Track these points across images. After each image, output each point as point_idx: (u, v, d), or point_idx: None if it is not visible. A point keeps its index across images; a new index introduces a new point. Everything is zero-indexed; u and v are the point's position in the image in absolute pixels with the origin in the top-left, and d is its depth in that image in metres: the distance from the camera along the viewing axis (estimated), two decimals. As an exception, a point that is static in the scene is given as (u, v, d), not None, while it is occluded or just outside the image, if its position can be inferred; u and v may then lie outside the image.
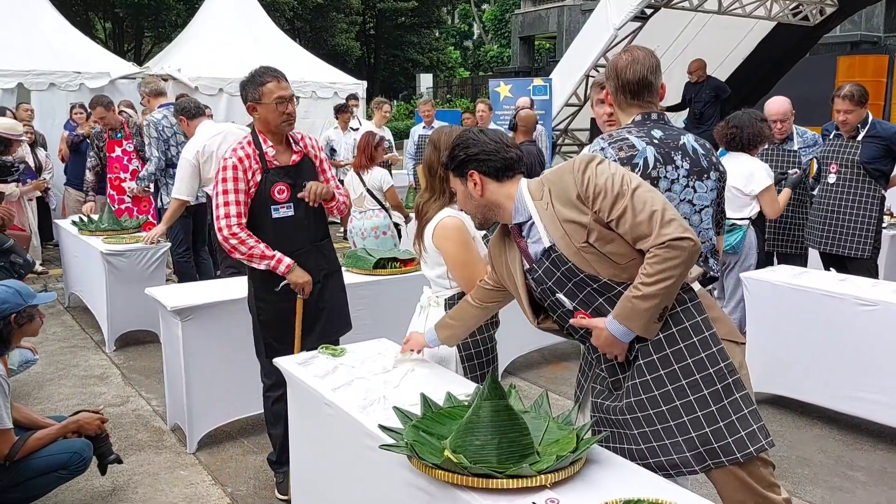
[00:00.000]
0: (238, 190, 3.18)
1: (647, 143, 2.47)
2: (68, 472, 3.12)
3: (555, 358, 5.46)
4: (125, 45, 26.01)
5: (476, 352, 2.82)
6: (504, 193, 2.24)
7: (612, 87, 2.63)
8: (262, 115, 3.21)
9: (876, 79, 13.32)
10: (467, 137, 2.27)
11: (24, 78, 9.34)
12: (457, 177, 2.30)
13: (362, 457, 2.26)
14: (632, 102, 2.59)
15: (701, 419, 2.10)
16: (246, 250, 3.18)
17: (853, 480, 3.64)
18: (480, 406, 1.93)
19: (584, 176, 2.08)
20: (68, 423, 3.18)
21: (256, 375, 3.84)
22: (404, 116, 26.02)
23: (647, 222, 2.00)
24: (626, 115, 2.62)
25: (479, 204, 2.27)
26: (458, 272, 2.73)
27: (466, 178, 2.25)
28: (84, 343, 5.80)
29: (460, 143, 2.27)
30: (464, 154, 2.24)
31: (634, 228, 2.02)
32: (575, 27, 22.41)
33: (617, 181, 2.05)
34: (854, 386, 3.93)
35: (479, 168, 2.23)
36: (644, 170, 2.43)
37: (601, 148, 2.46)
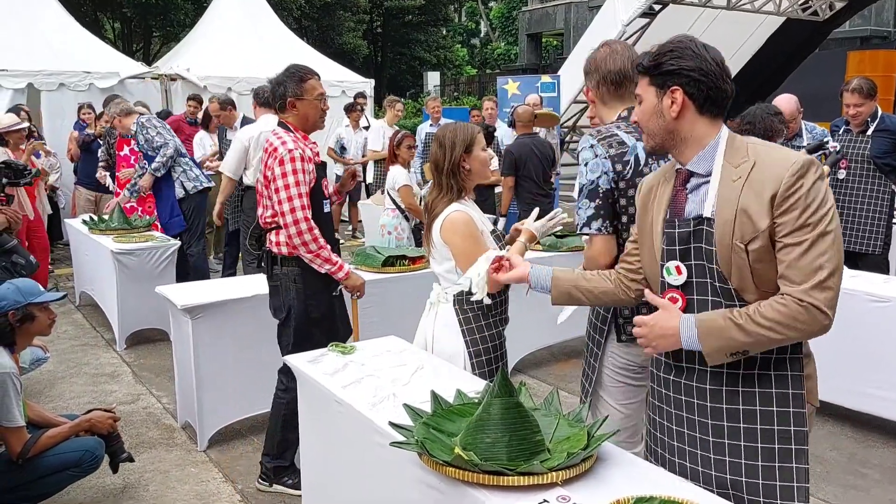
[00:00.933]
0: (307, 182, 3.20)
1: (637, 138, 2.37)
2: (80, 470, 3.14)
3: (564, 355, 5.45)
4: (134, 45, 26.08)
5: (485, 348, 2.81)
6: (699, 131, 1.88)
7: (593, 82, 2.54)
8: (303, 111, 3.25)
9: (886, 74, 13.21)
10: (685, 46, 1.87)
11: (33, 78, 9.38)
12: (653, 85, 1.91)
13: (372, 454, 2.26)
14: (614, 95, 2.51)
15: (757, 468, 1.90)
16: (316, 248, 3.20)
17: (866, 478, 3.62)
18: (491, 403, 1.93)
19: (797, 180, 1.74)
20: (80, 422, 3.20)
21: (266, 373, 3.85)
22: (412, 115, 25.98)
23: (809, 272, 1.73)
24: (609, 111, 2.55)
25: (665, 127, 1.90)
26: (467, 266, 2.72)
27: (666, 91, 1.88)
28: (95, 341, 5.83)
29: (675, 49, 1.87)
30: (675, 65, 1.86)
31: (792, 266, 1.74)
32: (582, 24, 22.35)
33: (819, 212, 1.73)
34: (866, 383, 3.91)
35: (686, 87, 1.86)
36: (636, 166, 2.35)
37: (590, 145, 2.37)
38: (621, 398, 2.53)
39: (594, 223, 2.37)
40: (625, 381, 2.52)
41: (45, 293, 3.25)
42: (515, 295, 2.94)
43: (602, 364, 2.51)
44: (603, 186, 2.34)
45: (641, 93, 1.96)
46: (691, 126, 1.89)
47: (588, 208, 2.36)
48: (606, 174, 2.33)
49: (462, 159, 2.76)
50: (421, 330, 2.95)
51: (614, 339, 2.48)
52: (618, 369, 2.50)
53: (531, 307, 4.37)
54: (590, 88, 2.57)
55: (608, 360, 2.51)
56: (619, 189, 2.35)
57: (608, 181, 2.33)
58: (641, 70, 1.95)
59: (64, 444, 3.11)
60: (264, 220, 3.33)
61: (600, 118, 2.59)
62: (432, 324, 2.86)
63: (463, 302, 2.78)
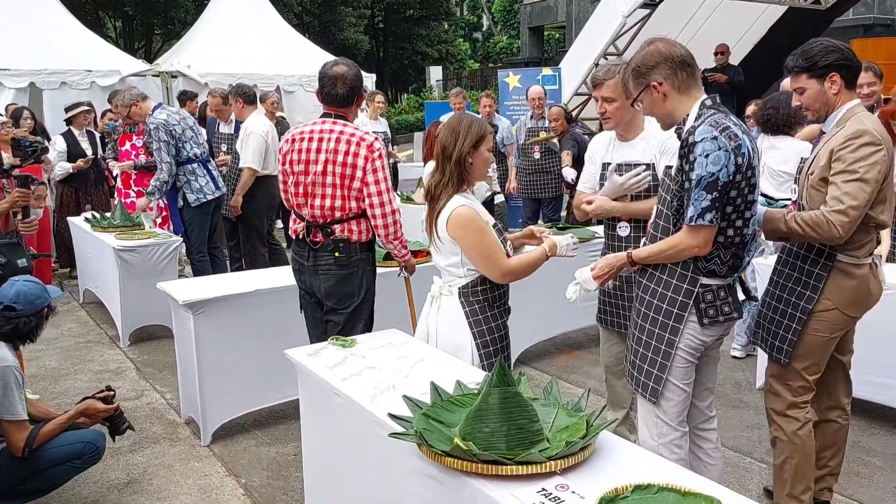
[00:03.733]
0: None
1: (742, 131, 2.41)
2: (82, 461, 3.15)
3: (566, 347, 5.45)
4: (135, 43, 26.11)
5: (491, 339, 2.82)
6: (846, 102, 2.69)
7: (665, 73, 2.47)
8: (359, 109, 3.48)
9: (889, 62, 13.11)
10: (839, 46, 2.67)
11: (35, 77, 9.40)
12: (812, 77, 2.68)
13: (372, 445, 2.27)
14: (690, 83, 2.48)
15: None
16: (402, 235, 3.50)
17: (870, 466, 3.61)
18: (489, 393, 1.93)
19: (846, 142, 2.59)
20: (74, 413, 3.20)
21: (269, 367, 3.88)
22: (414, 109, 25.95)
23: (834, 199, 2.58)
24: (688, 99, 2.49)
25: (828, 102, 2.69)
26: (481, 259, 2.74)
27: (825, 79, 2.66)
28: (99, 338, 5.85)
29: (830, 47, 2.66)
30: (833, 58, 2.64)
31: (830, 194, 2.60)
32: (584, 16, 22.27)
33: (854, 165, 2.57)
34: (870, 371, 3.89)
35: (843, 74, 2.65)
36: (749, 159, 2.38)
37: (713, 136, 2.33)
38: (687, 378, 2.58)
39: (708, 214, 2.36)
40: (693, 360, 2.57)
41: (49, 288, 3.31)
42: (515, 287, 2.94)
43: (678, 348, 2.52)
44: (722, 179, 2.33)
45: (804, 84, 2.71)
46: (844, 99, 2.70)
47: (704, 199, 2.35)
48: (727, 167, 2.33)
49: (469, 152, 2.76)
50: (423, 324, 2.95)
51: (694, 323, 2.49)
52: (691, 350, 2.54)
53: (533, 299, 4.38)
54: (660, 83, 2.48)
55: (684, 343, 2.52)
56: (735, 182, 2.36)
57: (728, 174, 2.34)
58: (804, 67, 2.70)
59: (65, 437, 3.12)
60: (332, 210, 3.36)
61: (672, 110, 2.52)
62: (435, 317, 2.86)
63: (468, 294, 2.78)
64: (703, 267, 2.47)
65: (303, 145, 3.37)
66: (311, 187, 3.35)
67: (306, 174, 3.35)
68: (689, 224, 2.39)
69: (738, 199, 2.40)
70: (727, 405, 4.25)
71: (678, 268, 2.51)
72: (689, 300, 2.49)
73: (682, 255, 2.46)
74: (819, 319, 2.73)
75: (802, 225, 2.63)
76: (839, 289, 2.71)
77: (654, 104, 2.53)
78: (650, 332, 2.57)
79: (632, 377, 2.66)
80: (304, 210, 3.41)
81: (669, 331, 2.52)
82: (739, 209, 2.42)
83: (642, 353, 2.60)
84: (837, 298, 2.72)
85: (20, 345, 3.19)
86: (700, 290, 2.48)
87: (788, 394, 2.81)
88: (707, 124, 2.37)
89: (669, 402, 2.56)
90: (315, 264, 3.42)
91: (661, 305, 2.54)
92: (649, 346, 2.57)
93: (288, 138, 3.45)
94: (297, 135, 3.42)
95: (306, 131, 3.40)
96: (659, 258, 2.53)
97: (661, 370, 2.55)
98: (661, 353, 2.55)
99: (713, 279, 2.48)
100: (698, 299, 2.48)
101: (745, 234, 2.47)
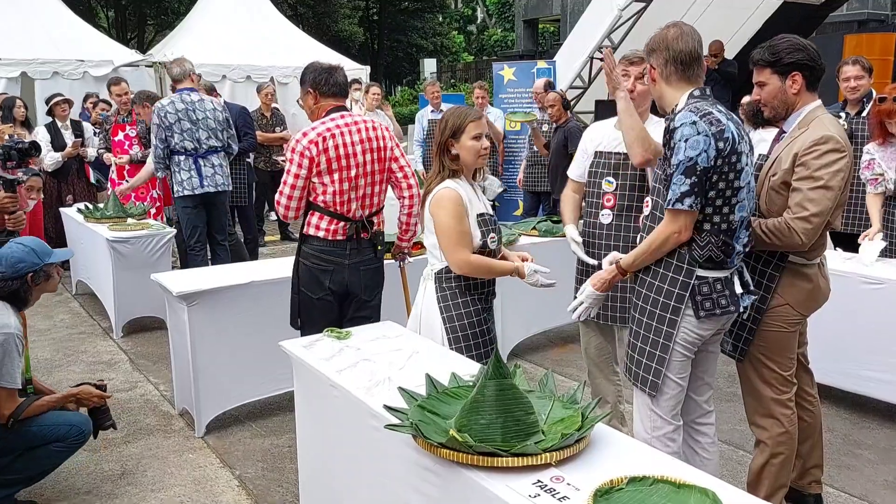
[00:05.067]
0: None
1: (728, 118, 2.42)
2: (65, 445, 3.11)
3: (560, 340, 5.46)
4: (128, 34, 25.94)
5: (461, 325, 2.83)
6: (807, 103, 2.68)
7: (660, 60, 2.51)
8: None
9: (883, 57, 13.16)
10: (806, 45, 2.63)
11: (27, 67, 9.34)
12: (775, 73, 2.64)
13: (368, 437, 2.27)
14: (682, 76, 2.50)
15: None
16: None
17: (861, 458, 3.64)
18: (485, 385, 1.93)
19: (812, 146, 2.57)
20: (69, 393, 3.20)
21: (263, 359, 3.88)
22: (408, 102, 25.91)
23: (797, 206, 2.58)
24: (675, 90, 2.53)
25: (787, 101, 2.68)
26: (444, 240, 2.78)
27: (787, 76, 2.63)
28: (92, 330, 5.83)
29: (797, 45, 2.61)
30: (798, 57, 2.61)
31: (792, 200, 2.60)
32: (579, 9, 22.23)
33: (818, 172, 2.55)
34: (861, 365, 3.93)
35: (805, 74, 2.63)
36: (733, 144, 2.38)
37: (692, 121, 2.35)
38: (682, 371, 2.57)
39: (687, 199, 2.37)
40: (689, 354, 2.56)
41: (57, 252, 3.27)
42: (509, 280, 2.94)
43: (675, 342, 2.51)
44: (701, 164, 2.33)
45: (765, 79, 2.67)
46: (805, 99, 2.68)
47: (682, 184, 2.36)
48: (706, 152, 2.33)
49: (449, 143, 2.80)
50: (415, 306, 3.00)
51: (690, 316, 2.48)
52: (687, 344, 2.53)
53: (527, 292, 4.37)
54: (654, 67, 2.54)
55: (681, 336, 2.51)
56: (716, 167, 2.36)
57: (707, 159, 2.33)
58: (766, 64, 2.65)
59: (51, 417, 3.08)
60: (375, 202, 3.44)
61: (660, 97, 2.58)
62: (421, 299, 2.93)
63: (442, 279, 2.84)
64: (700, 255, 2.45)
65: (336, 141, 3.25)
66: (356, 181, 3.32)
67: (349, 168, 3.29)
68: (669, 208, 2.40)
69: (720, 183, 2.38)
70: (721, 398, 4.27)
71: (674, 260, 2.49)
72: (685, 292, 2.48)
73: (666, 244, 2.46)
74: (774, 316, 2.75)
75: (767, 232, 2.64)
76: (792, 288, 2.75)
77: (646, 92, 2.69)
78: (647, 325, 2.56)
79: (629, 371, 2.66)
80: (353, 206, 3.34)
81: (667, 324, 2.52)
82: (724, 195, 2.41)
83: (640, 347, 2.59)
84: (789, 297, 2.75)
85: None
86: (696, 283, 2.47)
87: (772, 392, 2.79)
88: (687, 110, 2.41)
89: (664, 395, 2.57)
90: (359, 261, 3.40)
91: (657, 298, 2.54)
92: (647, 339, 2.57)
93: (313, 140, 3.23)
94: (323, 135, 3.24)
95: (332, 129, 3.26)
96: (645, 257, 2.53)
97: (659, 363, 2.54)
98: (658, 346, 2.54)
99: (709, 271, 2.47)
100: (694, 292, 2.47)
101: (731, 220, 2.45)
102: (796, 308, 2.76)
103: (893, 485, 3.40)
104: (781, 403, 2.80)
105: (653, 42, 2.55)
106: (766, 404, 2.82)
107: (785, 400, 2.81)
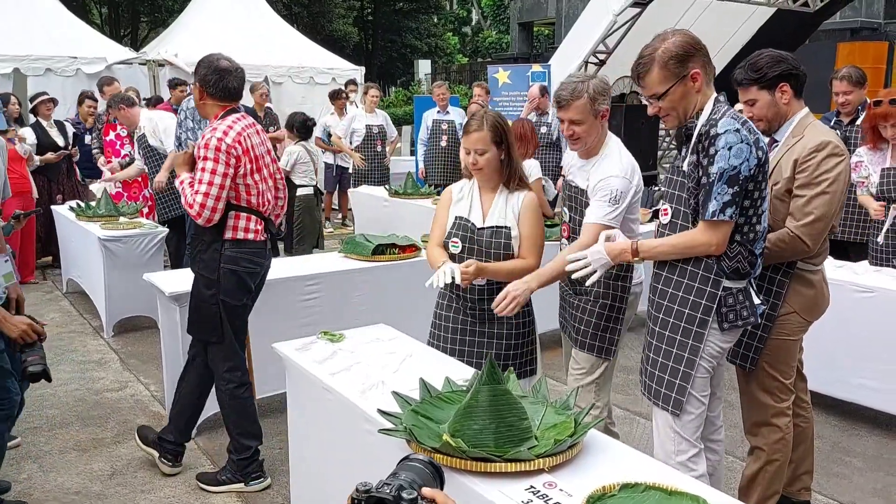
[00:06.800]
0: None
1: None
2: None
3: (553, 344, 5.46)
4: (121, 31, 25.85)
5: (436, 323, 2.97)
6: (797, 111, 2.74)
7: (699, 63, 2.36)
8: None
9: (876, 65, 13.27)
10: (785, 56, 2.71)
11: (20, 63, 9.29)
12: (763, 88, 2.70)
13: (361, 441, 2.27)
14: (711, 78, 2.41)
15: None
16: None
17: (850, 466, 3.66)
18: (479, 391, 1.94)
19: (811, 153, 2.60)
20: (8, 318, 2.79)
21: (255, 360, 3.86)
22: (402, 103, 25.88)
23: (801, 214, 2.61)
24: (704, 94, 2.39)
25: (780, 112, 2.72)
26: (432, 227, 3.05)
27: (774, 89, 2.68)
28: (82, 328, 5.80)
29: (777, 58, 2.68)
30: (782, 68, 2.67)
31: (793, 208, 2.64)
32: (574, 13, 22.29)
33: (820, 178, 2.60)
34: (850, 372, 3.95)
35: (792, 83, 2.69)
36: (766, 153, 2.35)
37: (735, 129, 2.26)
38: (704, 389, 2.45)
39: (728, 210, 2.27)
40: (712, 370, 2.45)
41: None
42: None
43: (701, 357, 2.39)
44: (744, 173, 2.26)
45: (755, 96, 2.72)
46: (794, 108, 2.74)
47: (725, 194, 2.26)
48: (748, 160, 2.25)
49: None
50: None
51: (715, 329, 2.38)
52: (711, 358, 2.42)
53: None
54: (699, 70, 2.36)
55: (706, 351, 2.39)
56: (754, 176, 2.29)
57: (749, 168, 2.26)
58: (754, 81, 2.70)
59: None
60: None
61: (690, 101, 2.38)
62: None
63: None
64: (728, 267, 2.36)
65: (251, 141, 3.27)
66: (269, 181, 3.40)
67: (262, 169, 3.33)
68: (710, 219, 2.28)
69: (755, 192, 2.33)
70: (711, 404, 4.28)
71: (700, 269, 2.38)
72: (712, 304, 2.36)
73: (695, 252, 2.35)
74: (782, 324, 2.76)
75: (770, 245, 2.61)
76: (798, 296, 2.76)
77: (686, 96, 2.37)
78: (670, 339, 2.43)
79: (648, 388, 2.52)
80: (269, 206, 3.40)
81: (693, 337, 2.39)
82: (756, 203, 2.36)
83: (661, 363, 2.45)
84: (796, 304, 2.77)
85: None
86: (722, 294, 2.36)
87: (771, 400, 2.80)
88: (729, 116, 2.29)
89: (689, 415, 2.44)
90: (270, 260, 3.48)
91: (682, 311, 2.40)
92: (669, 354, 2.43)
93: (237, 140, 3.16)
94: (242, 135, 3.20)
95: (246, 128, 3.25)
96: (669, 253, 2.41)
97: (684, 379, 2.41)
98: (683, 361, 2.40)
99: (734, 282, 2.38)
100: (720, 303, 2.36)
101: (757, 230, 2.39)
102: (803, 315, 2.78)
103: (882, 492, 3.42)
104: (780, 412, 2.80)
105: (685, 48, 2.34)
106: (765, 412, 2.81)
107: (784, 408, 2.81)
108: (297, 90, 11.55)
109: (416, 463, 1.23)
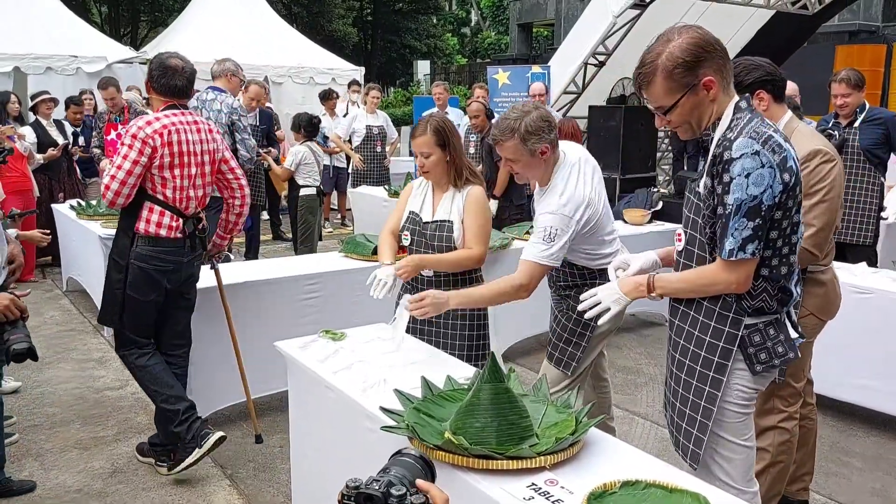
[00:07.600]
0: None
1: (783, 137, 1.99)
2: None
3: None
4: (121, 30, 25.84)
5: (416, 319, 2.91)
6: (780, 116, 2.71)
7: (716, 66, 2.00)
8: None
9: (874, 68, 13.33)
10: (760, 62, 2.69)
11: (20, 62, 9.30)
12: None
13: (363, 439, 2.28)
14: (730, 82, 2.06)
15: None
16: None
17: (848, 466, 3.68)
18: (481, 389, 1.95)
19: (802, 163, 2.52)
20: None
21: (256, 359, 3.87)
22: (401, 103, 25.91)
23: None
24: (728, 98, 2.05)
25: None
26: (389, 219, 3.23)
27: (753, 96, 2.58)
28: (82, 327, 5.81)
29: (751, 65, 2.67)
30: (757, 75, 2.65)
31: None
32: (573, 14, 22.33)
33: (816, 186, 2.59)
34: (848, 373, 3.96)
35: (769, 89, 2.67)
36: (797, 173, 1.99)
37: (753, 151, 1.90)
38: (746, 432, 2.16)
39: (750, 246, 1.95)
40: (748, 411, 2.15)
41: None
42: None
43: (725, 401, 2.10)
44: (767, 202, 1.92)
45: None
46: (774, 113, 2.72)
47: (745, 228, 1.93)
48: (772, 187, 1.91)
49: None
50: None
51: (743, 370, 2.09)
52: (743, 401, 2.12)
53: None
54: (713, 76, 2.00)
55: (734, 395, 2.10)
56: (781, 203, 1.96)
57: (773, 196, 1.92)
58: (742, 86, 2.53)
59: None
60: (204, 199, 3.54)
61: (705, 111, 2.05)
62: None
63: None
64: (749, 306, 2.05)
65: (180, 137, 3.32)
66: (195, 179, 3.41)
67: (190, 166, 3.36)
68: (727, 259, 1.97)
69: (783, 221, 1.99)
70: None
71: (717, 307, 2.07)
72: (731, 346, 2.06)
73: (715, 290, 2.05)
74: (800, 327, 2.76)
75: None
76: (812, 296, 2.78)
77: (699, 106, 2.03)
78: (686, 383, 2.15)
79: (676, 441, 2.24)
80: (191, 204, 3.42)
81: (710, 383, 2.09)
82: (786, 233, 2.01)
83: (679, 409, 2.19)
84: (811, 305, 2.79)
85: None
86: (745, 333, 2.06)
87: (782, 404, 2.81)
88: (747, 136, 1.93)
89: (731, 462, 2.14)
90: (193, 257, 3.50)
91: (697, 353, 2.12)
92: (686, 400, 2.16)
93: (158, 131, 3.25)
94: (168, 128, 3.28)
95: (176, 124, 3.32)
96: (688, 292, 2.12)
97: (701, 430, 2.12)
98: (700, 409, 2.12)
99: (759, 317, 2.07)
100: (744, 343, 2.06)
101: (791, 262, 2.06)
102: (818, 315, 2.80)
103: (880, 492, 3.44)
104: (789, 416, 2.82)
105: (693, 52, 1.98)
106: (773, 416, 2.81)
107: (793, 412, 2.82)
108: (297, 90, 11.57)
109: (407, 458, 1.25)
